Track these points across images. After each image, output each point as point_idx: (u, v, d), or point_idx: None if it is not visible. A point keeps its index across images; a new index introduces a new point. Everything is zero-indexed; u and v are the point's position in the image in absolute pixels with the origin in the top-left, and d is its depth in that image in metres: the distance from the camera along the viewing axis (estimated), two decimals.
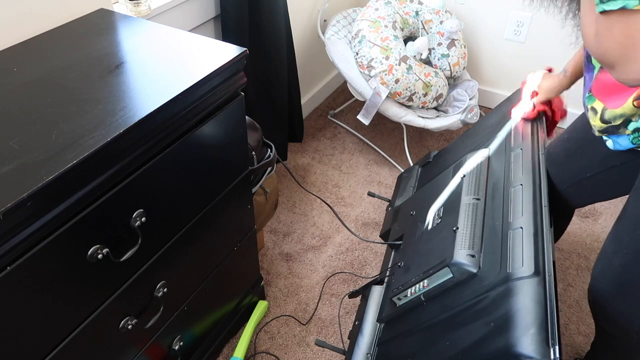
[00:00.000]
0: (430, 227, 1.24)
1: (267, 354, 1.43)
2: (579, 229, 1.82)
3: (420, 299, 1.09)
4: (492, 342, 0.84)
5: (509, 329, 0.82)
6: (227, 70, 0.95)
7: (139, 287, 0.95)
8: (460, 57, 2.07)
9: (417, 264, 1.17)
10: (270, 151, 1.39)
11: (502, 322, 0.84)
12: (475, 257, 1.01)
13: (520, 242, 0.96)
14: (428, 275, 1.08)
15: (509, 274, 0.91)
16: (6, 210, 0.62)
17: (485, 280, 0.96)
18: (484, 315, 0.90)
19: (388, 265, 1.38)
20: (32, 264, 0.70)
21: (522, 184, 1.09)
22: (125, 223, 0.85)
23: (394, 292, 1.18)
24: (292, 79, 1.89)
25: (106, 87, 0.85)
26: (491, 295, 0.92)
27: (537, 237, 0.96)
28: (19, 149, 0.71)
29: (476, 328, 0.90)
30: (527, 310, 0.82)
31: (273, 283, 1.62)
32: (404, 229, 1.40)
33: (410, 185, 1.65)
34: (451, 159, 1.50)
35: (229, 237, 1.21)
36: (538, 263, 0.90)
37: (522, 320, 0.81)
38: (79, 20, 1.08)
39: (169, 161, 0.89)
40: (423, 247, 1.20)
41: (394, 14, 1.98)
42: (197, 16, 1.51)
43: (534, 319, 0.81)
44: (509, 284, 0.89)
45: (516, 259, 0.93)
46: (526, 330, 0.79)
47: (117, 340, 0.95)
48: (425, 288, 1.08)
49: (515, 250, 0.95)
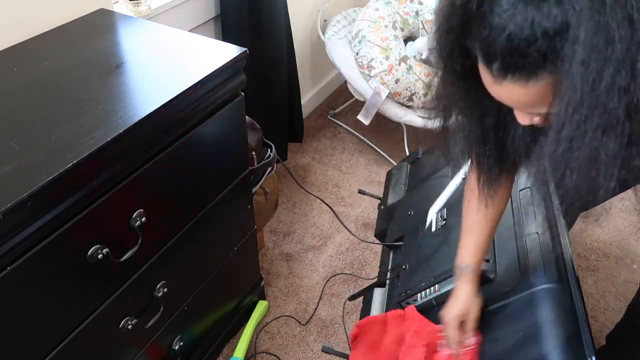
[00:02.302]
0: (434, 229, 1.23)
1: (267, 354, 1.43)
2: (579, 229, 1.81)
3: (432, 303, 1.07)
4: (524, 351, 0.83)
5: (541, 339, 0.81)
6: (227, 70, 0.95)
7: (139, 287, 0.95)
8: None
9: (425, 267, 1.15)
10: (270, 151, 1.39)
11: (531, 331, 0.84)
12: (490, 261, 1.00)
13: (539, 248, 0.95)
14: (440, 280, 1.06)
15: (532, 281, 0.90)
16: (6, 210, 0.62)
17: (503, 286, 0.95)
18: (509, 323, 0.89)
19: (388, 267, 1.37)
20: (32, 264, 0.70)
21: (529, 186, 1.08)
22: (125, 223, 0.85)
23: (402, 297, 1.16)
24: (292, 79, 1.89)
25: (106, 87, 0.85)
26: (514, 303, 0.90)
27: (555, 242, 0.95)
28: (19, 149, 0.71)
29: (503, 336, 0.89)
30: (557, 320, 0.82)
31: (273, 283, 1.62)
32: (404, 229, 1.39)
33: (401, 183, 1.64)
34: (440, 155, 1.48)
35: (229, 237, 1.21)
36: (560, 270, 0.89)
37: (553, 330, 0.81)
38: (79, 21, 1.08)
39: (169, 161, 0.89)
40: (429, 250, 1.19)
41: (394, 14, 1.98)
42: (197, 16, 1.51)
43: (565, 328, 0.80)
44: (533, 292, 0.88)
45: (537, 266, 0.92)
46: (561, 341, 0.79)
47: (117, 340, 0.95)
48: (437, 292, 1.06)
49: (533, 257, 0.94)
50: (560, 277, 0.88)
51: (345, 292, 1.60)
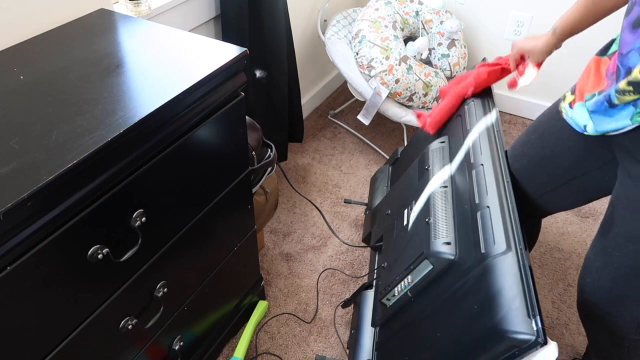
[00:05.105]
0: (405, 223, 1.24)
1: (268, 354, 1.43)
2: (579, 229, 1.82)
3: (408, 296, 1.09)
4: (480, 324, 0.84)
5: (493, 308, 0.82)
6: (227, 70, 0.95)
7: (139, 287, 0.95)
8: (461, 57, 2.07)
9: (398, 262, 1.17)
10: (270, 151, 1.39)
11: (484, 302, 0.85)
12: (450, 243, 1.02)
13: (489, 220, 0.96)
14: (410, 271, 1.08)
15: (483, 254, 0.91)
16: (6, 210, 0.62)
17: (463, 264, 0.96)
18: (467, 299, 0.90)
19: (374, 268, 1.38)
20: (32, 264, 0.70)
21: (482, 164, 1.09)
22: (125, 223, 0.85)
23: (382, 294, 1.18)
24: (292, 78, 1.89)
25: (106, 88, 0.85)
26: (470, 278, 0.92)
27: (504, 213, 0.96)
28: (19, 149, 0.71)
29: (462, 313, 0.90)
30: (506, 287, 0.83)
31: (273, 283, 1.62)
32: (383, 229, 1.40)
33: (384, 185, 1.65)
34: (415, 152, 1.50)
35: (229, 237, 1.21)
36: (509, 238, 0.90)
37: (503, 297, 0.82)
38: (79, 20, 1.08)
39: (169, 161, 0.89)
40: (401, 244, 1.20)
41: (394, 14, 1.98)
42: (197, 16, 1.51)
43: (514, 294, 0.81)
44: (485, 264, 0.89)
45: (488, 238, 0.93)
46: (508, 307, 0.80)
47: (117, 340, 0.95)
48: (410, 284, 1.08)
49: (485, 230, 0.95)
50: (508, 245, 0.89)
51: (345, 293, 1.60)
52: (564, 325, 1.51)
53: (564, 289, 1.61)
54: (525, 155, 1.14)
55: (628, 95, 0.85)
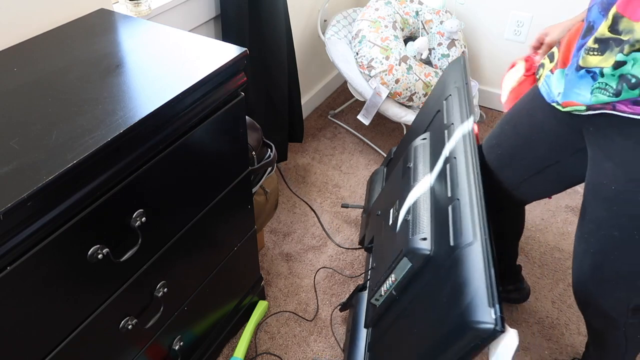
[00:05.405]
0: (390, 223, 1.24)
1: (268, 354, 1.43)
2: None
3: (393, 294, 1.10)
4: (448, 316, 0.85)
5: (459, 300, 0.83)
6: (227, 70, 0.95)
7: (139, 287, 0.95)
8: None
9: (384, 261, 1.18)
10: (270, 151, 1.39)
11: (452, 294, 0.85)
12: (427, 239, 1.02)
13: (459, 213, 0.97)
14: (392, 269, 1.09)
15: (452, 246, 0.92)
16: (6, 210, 0.62)
17: (438, 259, 0.97)
18: (440, 292, 0.91)
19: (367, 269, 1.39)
20: (32, 264, 0.70)
21: (455, 157, 1.09)
22: (125, 223, 0.85)
23: (371, 294, 1.19)
24: (292, 78, 1.89)
25: (106, 88, 0.85)
26: (441, 272, 0.93)
27: (472, 205, 0.96)
28: (19, 149, 0.71)
29: (435, 307, 0.91)
30: (470, 277, 0.83)
31: (273, 283, 1.62)
32: (374, 230, 1.41)
33: (379, 187, 1.65)
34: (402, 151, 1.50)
35: (229, 237, 1.21)
36: (475, 230, 0.91)
37: (468, 288, 0.82)
38: (79, 21, 1.08)
39: (169, 161, 0.89)
40: (387, 244, 1.21)
41: (394, 14, 1.98)
42: (197, 16, 1.51)
43: (477, 284, 0.82)
44: (453, 256, 0.90)
45: (457, 230, 0.94)
46: (471, 297, 0.80)
47: (117, 340, 0.95)
48: (395, 282, 1.09)
49: (455, 222, 0.96)
50: (474, 236, 0.89)
51: (345, 293, 1.60)
52: (564, 325, 1.51)
53: (564, 289, 1.61)
54: (500, 146, 1.15)
55: (592, 55, 0.83)
